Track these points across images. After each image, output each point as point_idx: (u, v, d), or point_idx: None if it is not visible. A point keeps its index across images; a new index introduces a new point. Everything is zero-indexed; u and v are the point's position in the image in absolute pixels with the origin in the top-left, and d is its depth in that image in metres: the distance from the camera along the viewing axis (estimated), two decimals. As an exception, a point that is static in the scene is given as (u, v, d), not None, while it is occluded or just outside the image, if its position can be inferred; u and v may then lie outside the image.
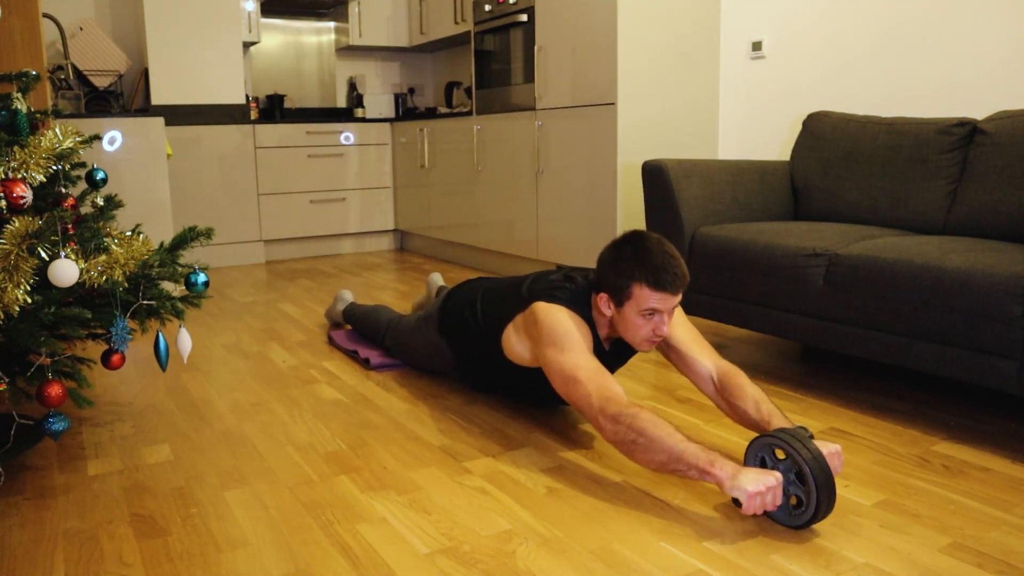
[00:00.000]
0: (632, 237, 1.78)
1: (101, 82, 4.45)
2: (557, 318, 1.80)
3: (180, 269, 1.74)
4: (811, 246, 2.14)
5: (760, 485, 1.42)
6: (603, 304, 1.81)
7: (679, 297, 1.74)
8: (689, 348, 1.86)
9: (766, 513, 1.50)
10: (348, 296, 3.05)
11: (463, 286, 2.27)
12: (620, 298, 1.76)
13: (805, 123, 2.85)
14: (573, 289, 1.89)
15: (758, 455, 1.52)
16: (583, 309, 1.86)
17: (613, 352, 1.97)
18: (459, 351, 2.20)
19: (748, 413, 1.70)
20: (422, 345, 2.37)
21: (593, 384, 1.67)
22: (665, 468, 1.53)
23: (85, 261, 1.56)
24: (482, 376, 2.21)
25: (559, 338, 1.78)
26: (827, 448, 1.53)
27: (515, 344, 1.94)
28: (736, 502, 1.45)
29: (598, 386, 1.67)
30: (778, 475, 1.44)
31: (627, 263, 1.74)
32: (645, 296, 1.72)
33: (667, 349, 1.90)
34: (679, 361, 1.88)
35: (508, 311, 1.97)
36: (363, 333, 2.77)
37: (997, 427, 1.94)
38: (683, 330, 1.89)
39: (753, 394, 1.72)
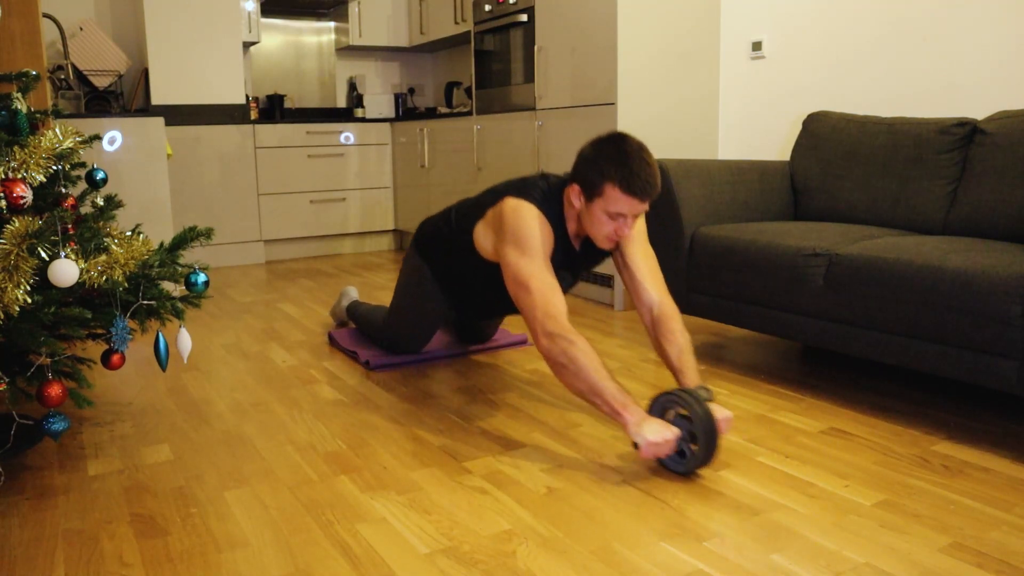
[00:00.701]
0: (615, 137, 1.84)
1: (101, 82, 4.45)
2: (524, 217, 1.87)
3: (180, 269, 1.74)
4: (811, 246, 2.14)
5: (659, 437, 1.62)
6: (574, 195, 1.88)
7: (646, 205, 1.83)
8: (641, 273, 1.98)
9: (657, 459, 1.72)
10: (353, 293, 3.06)
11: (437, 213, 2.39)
12: (591, 193, 1.84)
13: (805, 123, 2.85)
14: (546, 187, 1.96)
15: (661, 407, 1.71)
16: (554, 207, 1.93)
17: (583, 252, 2.06)
18: (436, 264, 2.28)
19: (669, 357, 1.88)
20: (406, 280, 2.41)
21: (541, 297, 1.78)
22: (584, 396, 1.70)
23: (85, 261, 1.56)
24: (455, 283, 2.27)
25: (521, 239, 1.86)
26: (721, 413, 1.71)
27: (483, 237, 2.04)
28: (635, 445, 1.64)
29: (545, 300, 1.78)
30: (676, 431, 1.64)
31: (604, 162, 1.81)
32: (615, 197, 1.80)
33: (622, 266, 2.01)
34: (629, 281, 2.00)
35: (482, 207, 2.06)
36: (364, 330, 2.77)
37: (997, 427, 1.94)
38: (642, 254, 2.00)
39: (679, 342, 1.88)
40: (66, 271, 1.47)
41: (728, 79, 3.48)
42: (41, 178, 1.57)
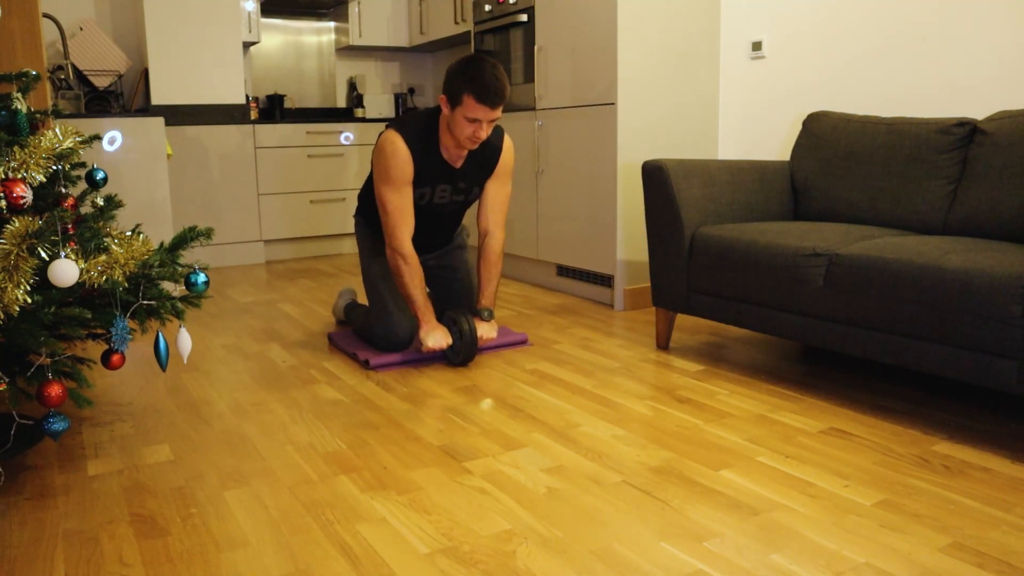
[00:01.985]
0: (474, 57, 2.31)
1: (101, 82, 4.45)
2: (385, 151, 2.40)
3: (180, 269, 1.74)
4: (811, 246, 2.14)
5: (436, 344, 2.45)
6: (444, 104, 2.37)
7: (497, 112, 2.31)
8: (489, 204, 2.61)
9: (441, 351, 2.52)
10: (351, 293, 3.07)
11: None
12: (453, 102, 2.32)
13: (805, 123, 2.85)
14: (420, 113, 2.47)
15: (449, 319, 2.49)
16: (425, 130, 2.43)
17: (464, 169, 2.53)
18: (365, 209, 2.73)
19: (481, 279, 2.61)
20: (360, 248, 2.76)
21: (393, 219, 2.44)
22: (403, 295, 2.51)
23: (85, 261, 1.56)
24: (375, 223, 2.71)
25: (382, 170, 2.42)
26: (488, 333, 2.58)
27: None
28: (421, 341, 2.46)
29: (395, 223, 2.44)
30: (449, 340, 2.47)
31: (463, 76, 2.28)
32: (471, 105, 2.29)
33: (482, 192, 2.61)
34: (479, 207, 2.63)
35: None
36: (359, 331, 2.77)
37: (997, 427, 1.94)
38: (498, 190, 2.60)
39: (491, 272, 2.60)
40: (66, 271, 1.47)
41: (728, 79, 3.48)
42: (41, 178, 1.57)
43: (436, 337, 2.43)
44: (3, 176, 1.52)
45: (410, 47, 5.34)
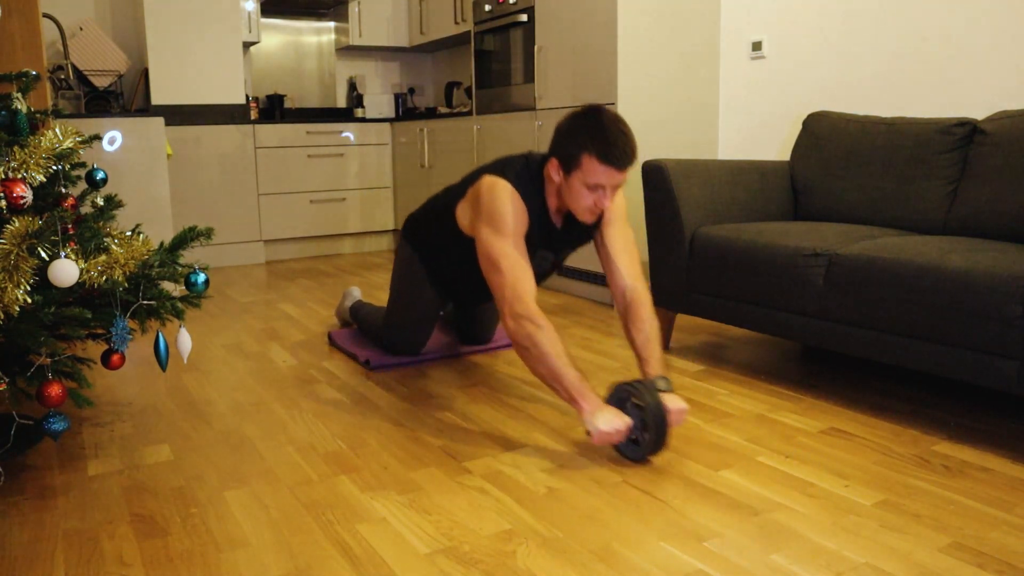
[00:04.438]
0: (591, 110, 1.85)
1: (101, 82, 4.45)
2: (499, 197, 1.90)
3: (180, 269, 1.74)
4: (811, 246, 2.14)
5: (610, 427, 1.69)
6: (553, 170, 1.90)
7: (624, 175, 1.83)
8: (616, 256, 2.00)
9: (613, 445, 1.77)
10: (356, 293, 3.06)
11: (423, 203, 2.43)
12: (569, 166, 1.85)
13: (805, 123, 2.85)
14: (525, 164, 1.98)
15: (619, 397, 1.75)
16: (533, 184, 1.96)
17: (565, 230, 2.07)
18: (424, 250, 2.33)
19: (635, 343, 1.91)
20: (398, 274, 2.44)
21: (510, 276, 1.82)
22: (544, 381, 1.76)
23: (85, 261, 1.56)
24: (443, 267, 2.30)
25: (495, 218, 1.89)
26: (675, 404, 1.74)
27: (462, 214, 2.09)
28: (588, 432, 1.71)
29: (514, 280, 1.81)
30: (628, 421, 1.70)
31: (581, 133, 1.81)
32: (592, 168, 1.81)
33: (599, 246, 2.04)
34: (604, 263, 2.04)
35: (464, 185, 2.12)
36: (366, 330, 2.77)
37: (997, 427, 1.94)
38: (619, 236, 2.01)
39: (646, 330, 1.90)
40: (66, 271, 1.47)
41: (728, 79, 3.48)
42: (41, 178, 1.57)
43: (608, 419, 1.69)
44: (3, 176, 1.52)
45: (410, 47, 5.34)
